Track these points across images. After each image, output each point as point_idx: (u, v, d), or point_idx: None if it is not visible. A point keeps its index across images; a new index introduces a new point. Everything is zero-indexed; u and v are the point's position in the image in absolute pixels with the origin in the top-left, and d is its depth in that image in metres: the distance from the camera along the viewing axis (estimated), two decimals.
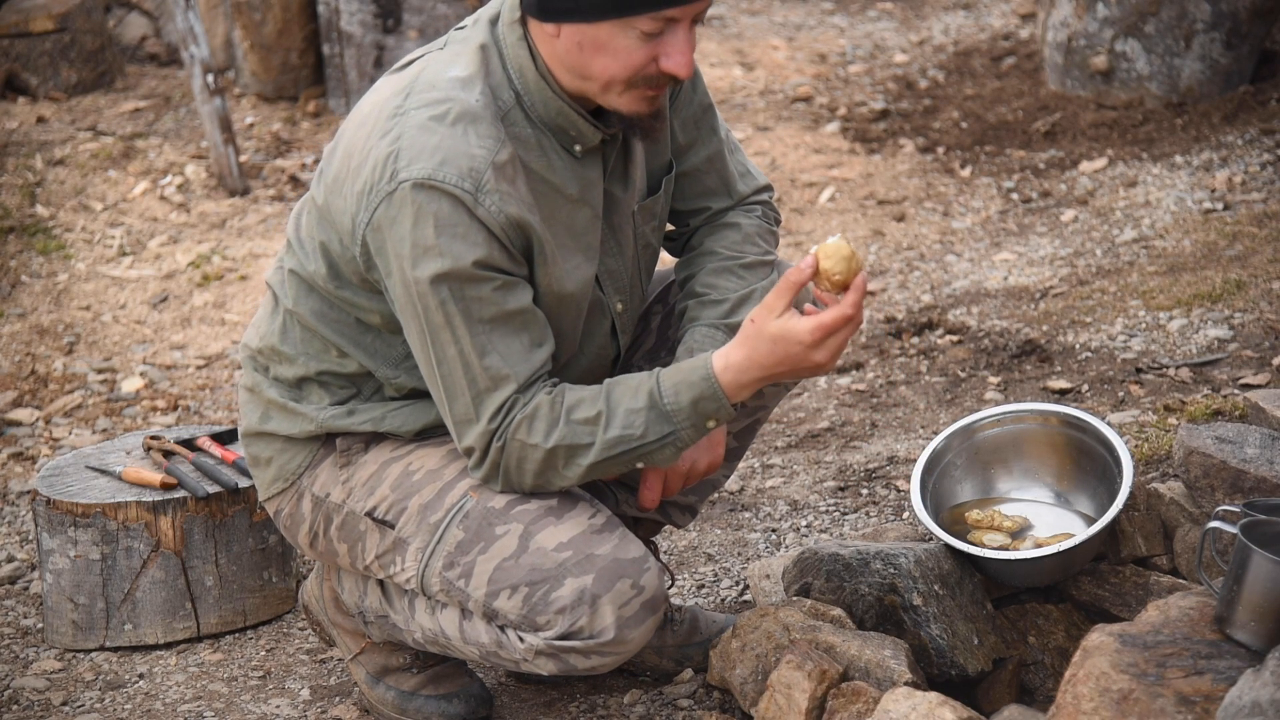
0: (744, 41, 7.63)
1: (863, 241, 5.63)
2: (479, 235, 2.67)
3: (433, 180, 2.65)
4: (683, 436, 2.74)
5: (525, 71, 2.75)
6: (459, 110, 2.70)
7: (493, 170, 2.68)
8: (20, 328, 5.24)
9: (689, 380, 2.72)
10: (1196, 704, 2.35)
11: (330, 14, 6.87)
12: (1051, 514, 3.15)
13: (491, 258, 2.68)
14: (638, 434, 2.72)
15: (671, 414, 2.72)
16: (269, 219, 6.06)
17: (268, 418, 2.98)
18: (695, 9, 2.66)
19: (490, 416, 2.73)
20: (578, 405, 2.73)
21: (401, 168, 2.66)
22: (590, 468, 2.75)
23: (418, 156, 2.66)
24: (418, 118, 2.70)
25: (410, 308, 2.72)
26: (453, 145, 2.67)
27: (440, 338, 2.72)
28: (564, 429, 2.72)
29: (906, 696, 2.62)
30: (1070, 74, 6.42)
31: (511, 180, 2.70)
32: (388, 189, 2.67)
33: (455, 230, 2.66)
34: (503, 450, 2.75)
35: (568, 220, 2.80)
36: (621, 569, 2.74)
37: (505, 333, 2.72)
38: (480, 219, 2.66)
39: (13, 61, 6.98)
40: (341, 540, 2.95)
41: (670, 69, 2.67)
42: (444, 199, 2.65)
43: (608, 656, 2.77)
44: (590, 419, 2.72)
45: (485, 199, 2.66)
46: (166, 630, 3.52)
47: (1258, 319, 4.41)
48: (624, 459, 2.75)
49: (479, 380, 2.72)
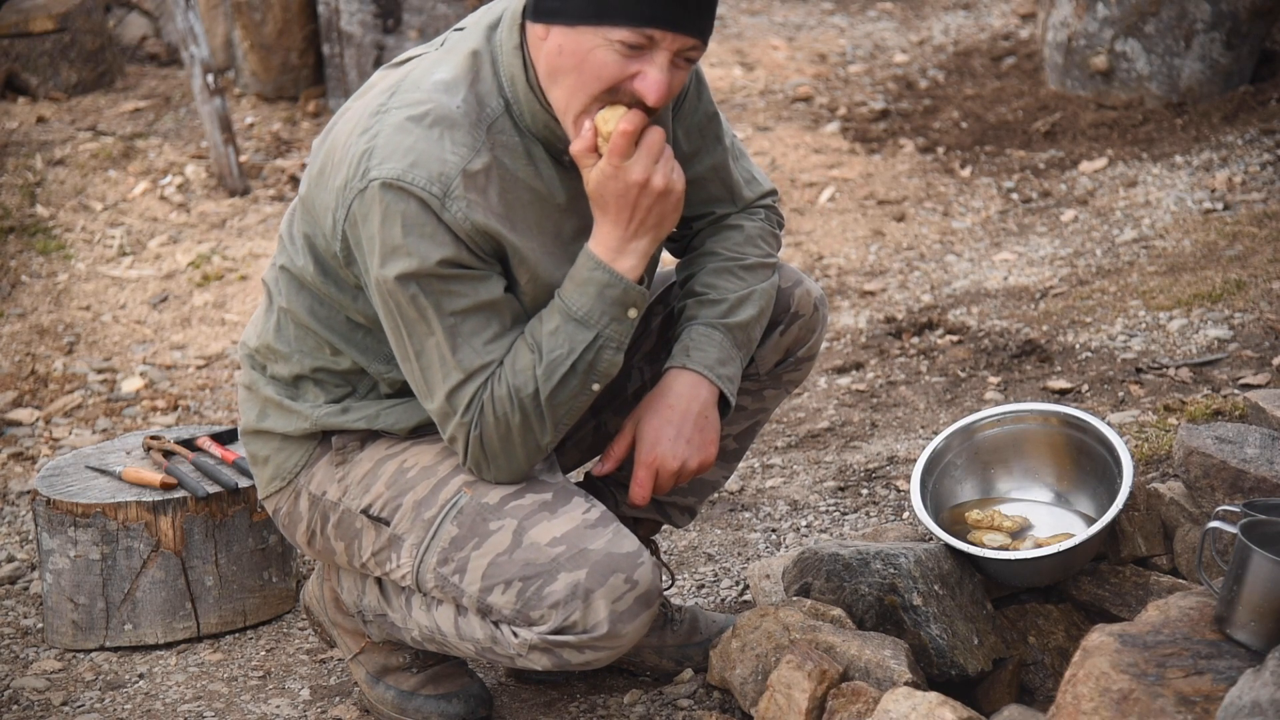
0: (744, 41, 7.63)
1: (863, 241, 5.63)
2: (445, 237, 2.68)
3: (401, 181, 2.66)
4: (609, 334, 2.76)
5: (516, 80, 2.75)
6: (438, 114, 2.71)
7: (463, 177, 2.69)
8: (20, 328, 5.24)
9: (581, 277, 2.75)
10: (1196, 704, 2.35)
11: (330, 14, 6.87)
12: (1051, 514, 3.15)
13: (459, 257, 2.70)
14: (565, 351, 2.74)
15: (585, 317, 2.74)
16: (269, 219, 6.06)
17: (265, 415, 2.99)
18: (680, 41, 2.65)
19: (465, 408, 2.75)
20: (515, 358, 2.75)
21: (373, 166, 2.68)
22: (550, 406, 2.75)
23: (389, 156, 2.68)
24: (396, 117, 2.71)
25: (384, 305, 2.74)
26: (426, 148, 2.68)
27: (415, 331, 2.73)
28: (513, 383, 2.74)
29: (906, 696, 2.62)
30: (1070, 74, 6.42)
31: (482, 190, 2.71)
32: (359, 186, 2.69)
33: (423, 230, 2.67)
34: (481, 437, 2.77)
35: (555, 228, 2.81)
36: (615, 563, 2.75)
37: (476, 325, 2.73)
38: (446, 223, 2.68)
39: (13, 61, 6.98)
40: (339, 538, 2.95)
41: (640, 88, 2.66)
42: (411, 200, 2.67)
43: (601, 651, 2.78)
44: (529, 365, 2.74)
45: (452, 205, 2.68)
46: (166, 630, 3.52)
47: (1258, 319, 4.41)
48: (572, 381, 2.75)
49: (453, 373, 2.74)
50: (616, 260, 2.74)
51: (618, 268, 2.74)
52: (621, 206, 2.71)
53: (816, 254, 5.59)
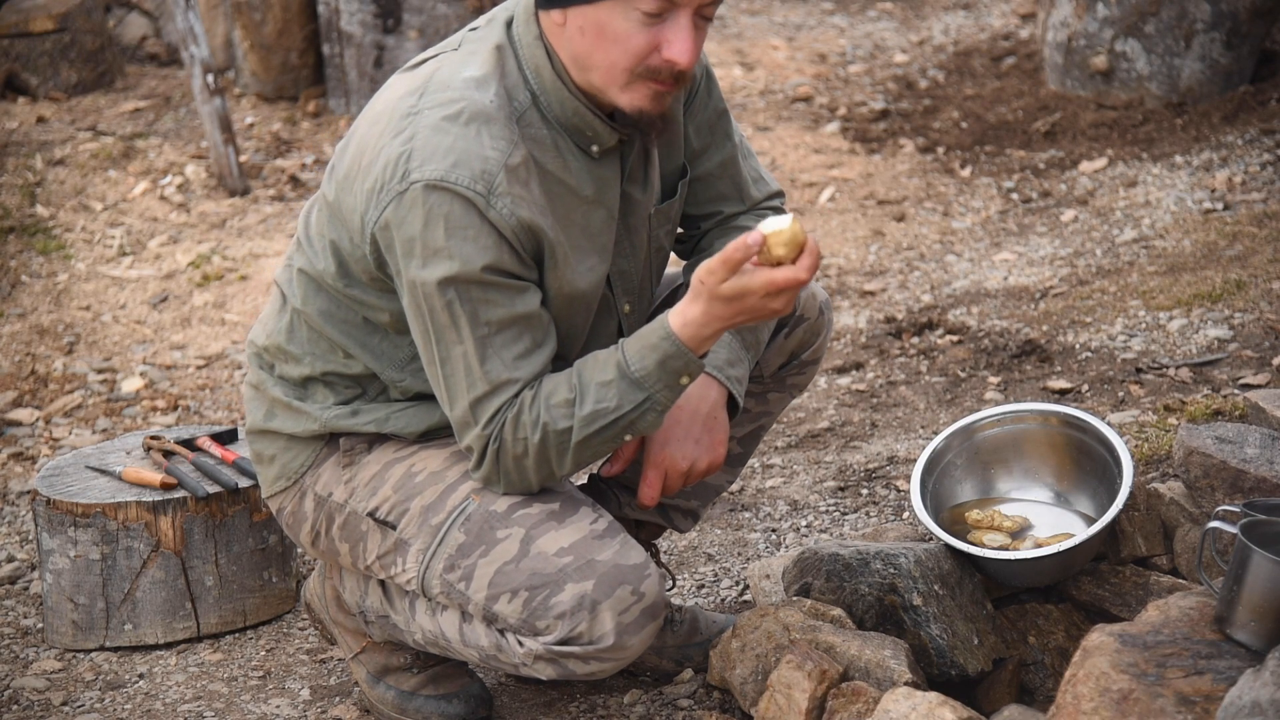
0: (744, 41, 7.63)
1: (863, 241, 5.63)
2: (489, 239, 2.66)
3: (445, 182, 2.65)
4: (659, 399, 2.73)
5: (542, 71, 2.74)
6: (473, 111, 2.69)
7: (505, 173, 2.67)
8: (20, 328, 5.24)
9: (650, 343, 2.71)
10: (1196, 704, 2.35)
11: (330, 14, 6.87)
12: (1051, 514, 3.15)
13: (501, 261, 2.68)
14: (612, 405, 2.71)
15: (641, 380, 2.71)
16: (269, 219, 6.06)
17: (272, 415, 2.98)
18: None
19: (487, 421, 2.73)
20: (554, 391, 2.73)
21: (414, 168, 2.66)
22: (578, 447, 2.74)
23: (430, 157, 2.66)
24: (431, 118, 2.69)
25: (416, 307, 2.72)
26: (465, 147, 2.66)
27: (445, 338, 2.72)
28: (545, 417, 2.72)
29: (906, 696, 2.62)
30: (1070, 74, 6.42)
31: (525, 183, 2.70)
32: (399, 189, 2.67)
33: (465, 233, 2.65)
34: (499, 453, 2.76)
35: (583, 221, 2.80)
36: (622, 575, 2.74)
37: (508, 338, 2.71)
38: (491, 222, 2.66)
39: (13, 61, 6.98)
40: (343, 540, 2.95)
41: (670, 55, 2.65)
42: (455, 201, 2.65)
43: (607, 662, 2.77)
44: (566, 401, 2.72)
45: (497, 202, 2.66)
46: (166, 630, 3.52)
47: (1258, 319, 4.41)
48: (608, 433, 2.73)
49: (479, 384, 2.72)
50: (697, 344, 2.70)
51: (694, 348, 2.70)
52: (738, 313, 2.66)
53: None
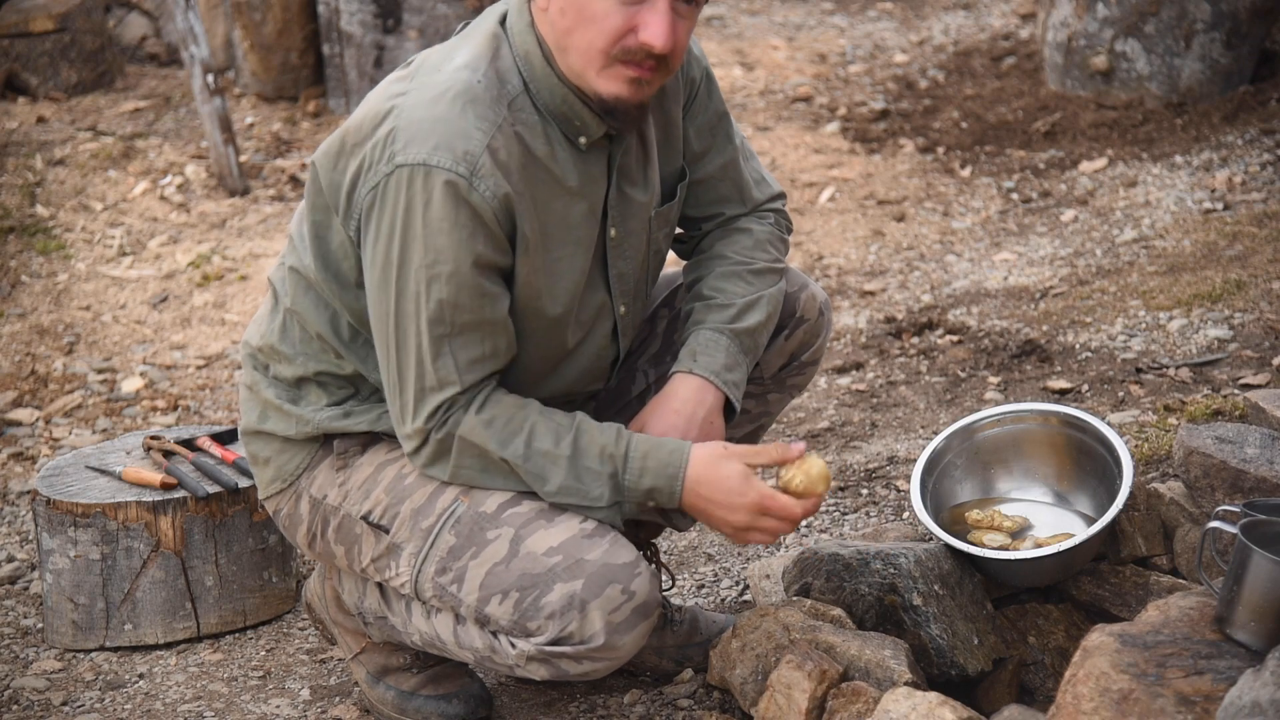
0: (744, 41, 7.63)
1: (863, 241, 5.63)
2: (465, 231, 2.67)
3: (427, 164, 2.66)
4: (624, 510, 2.80)
5: (531, 58, 2.75)
6: (458, 90, 2.70)
7: (488, 154, 2.68)
8: (20, 328, 5.24)
9: (654, 468, 2.77)
10: (1196, 704, 2.34)
11: (330, 14, 6.87)
12: (1051, 514, 3.15)
13: (476, 253, 2.68)
14: (591, 494, 2.77)
15: (627, 490, 2.77)
16: (269, 219, 6.06)
17: (266, 418, 2.98)
18: None
19: (428, 415, 2.75)
20: (545, 433, 2.76)
21: (398, 150, 2.67)
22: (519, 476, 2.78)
23: (414, 139, 2.67)
24: (417, 98, 2.71)
25: (384, 288, 2.73)
26: (448, 127, 2.67)
27: (404, 326, 2.73)
28: (522, 449, 2.75)
29: (906, 696, 2.62)
30: (1070, 74, 6.42)
31: (505, 164, 2.71)
32: (385, 170, 2.69)
33: (443, 225, 2.66)
34: (443, 444, 2.77)
35: (563, 211, 2.80)
36: (611, 574, 2.74)
37: (467, 340, 2.73)
38: (473, 205, 2.67)
39: (13, 61, 6.98)
40: (339, 542, 2.95)
41: (646, 38, 2.66)
42: (437, 184, 2.65)
43: (599, 662, 2.77)
44: (549, 453, 2.75)
45: (480, 184, 2.67)
46: (166, 630, 3.52)
47: (1258, 319, 4.41)
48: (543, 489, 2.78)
49: (426, 378, 2.73)
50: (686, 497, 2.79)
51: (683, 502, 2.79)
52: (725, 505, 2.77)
53: (816, 254, 5.60)
